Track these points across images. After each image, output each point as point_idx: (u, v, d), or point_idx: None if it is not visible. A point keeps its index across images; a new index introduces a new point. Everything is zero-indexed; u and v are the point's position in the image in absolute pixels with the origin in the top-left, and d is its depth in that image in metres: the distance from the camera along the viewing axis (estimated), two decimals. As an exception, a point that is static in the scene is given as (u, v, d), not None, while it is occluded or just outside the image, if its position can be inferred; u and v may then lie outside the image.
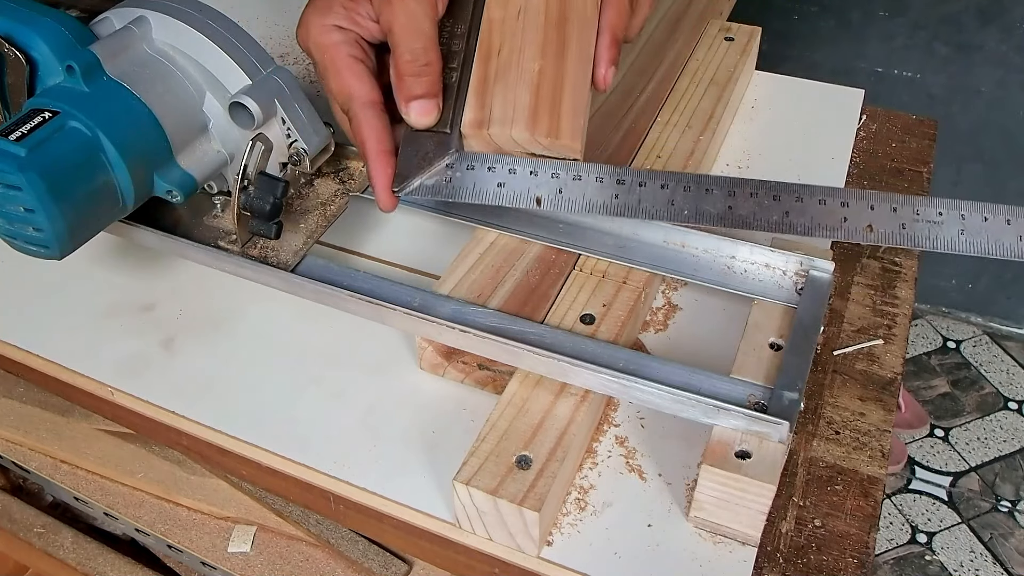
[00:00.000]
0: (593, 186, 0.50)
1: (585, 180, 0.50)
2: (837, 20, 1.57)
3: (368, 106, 0.51)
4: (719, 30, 0.73)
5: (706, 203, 0.49)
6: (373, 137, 0.51)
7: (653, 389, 0.45)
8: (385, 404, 0.52)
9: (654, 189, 0.49)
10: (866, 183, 0.66)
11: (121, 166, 0.49)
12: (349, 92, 0.51)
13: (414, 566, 0.58)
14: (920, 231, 0.46)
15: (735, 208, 0.48)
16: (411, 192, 0.51)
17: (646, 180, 0.49)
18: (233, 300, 0.58)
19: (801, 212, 0.48)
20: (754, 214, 0.48)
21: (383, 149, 0.51)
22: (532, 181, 0.50)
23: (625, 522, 0.46)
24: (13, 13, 0.51)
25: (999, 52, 1.51)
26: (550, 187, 0.50)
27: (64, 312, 0.58)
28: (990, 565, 1.46)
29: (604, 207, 0.49)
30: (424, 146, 0.51)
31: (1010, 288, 1.77)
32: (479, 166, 0.51)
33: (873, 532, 0.46)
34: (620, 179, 0.50)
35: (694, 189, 0.49)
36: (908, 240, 0.46)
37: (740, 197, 0.48)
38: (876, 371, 0.54)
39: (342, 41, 0.52)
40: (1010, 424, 1.67)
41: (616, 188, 0.50)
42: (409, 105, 0.50)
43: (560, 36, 0.52)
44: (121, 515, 0.62)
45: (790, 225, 0.48)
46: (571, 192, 0.50)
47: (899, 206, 0.47)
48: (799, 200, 0.48)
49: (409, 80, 0.50)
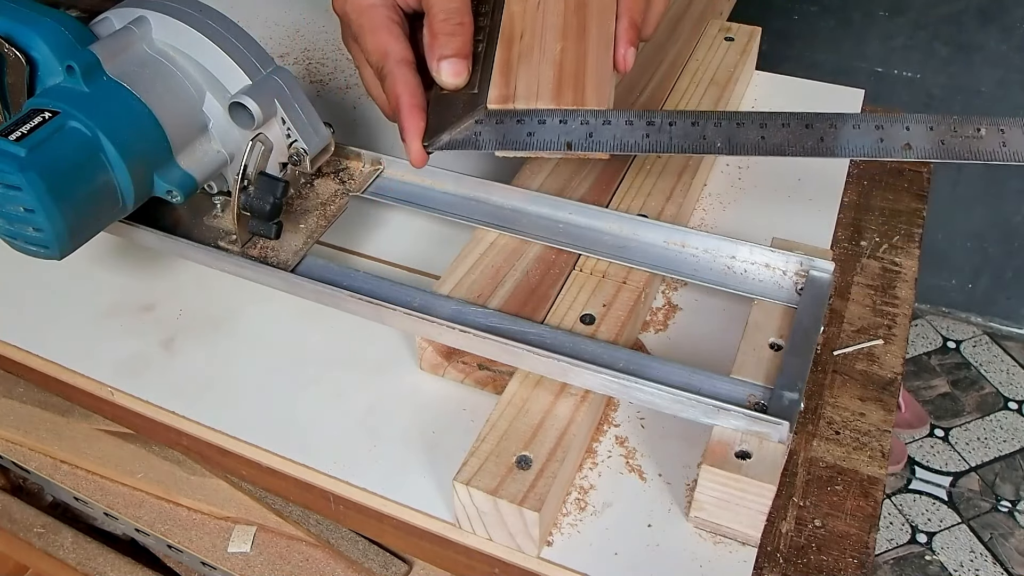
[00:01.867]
0: (623, 128, 0.51)
1: (615, 123, 0.51)
2: (837, 20, 1.57)
3: (403, 63, 0.53)
4: (719, 30, 0.73)
5: (738, 135, 0.50)
6: (407, 92, 0.52)
7: (653, 389, 0.45)
8: (385, 404, 0.52)
9: (684, 127, 0.51)
10: (866, 183, 0.66)
11: (121, 166, 0.49)
12: (385, 50, 0.53)
13: (414, 566, 0.58)
14: (960, 146, 0.46)
15: (768, 138, 0.49)
16: (441, 146, 0.52)
17: (676, 120, 0.51)
18: (233, 300, 0.58)
19: (836, 137, 0.48)
20: (788, 142, 0.49)
21: (416, 103, 0.52)
22: (561, 129, 0.51)
23: (625, 522, 0.46)
24: (13, 13, 0.51)
25: (999, 52, 1.51)
26: (580, 132, 0.51)
27: (64, 312, 0.58)
28: (990, 565, 1.46)
29: (636, 146, 0.51)
30: (453, 105, 0.53)
31: (1010, 288, 1.77)
32: (508, 119, 0.52)
33: (873, 532, 0.46)
34: (650, 121, 0.51)
35: (725, 124, 0.50)
36: (948, 154, 0.46)
37: (772, 128, 0.49)
38: (876, 371, 0.54)
39: (380, 3, 0.54)
40: (1010, 424, 1.67)
41: (646, 128, 0.51)
42: (440, 64, 0.52)
43: (580, 20, 0.54)
44: (121, 515, 0.62)
45: (826, 149, 0.48)
46: (601, 135, 0.51)
47: (935, 125, 0.47)
48: (833, 127, 0.48)
49: (443, 39, 0.52)
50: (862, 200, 0.65)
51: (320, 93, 0.76)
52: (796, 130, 0.49)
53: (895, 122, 0.48)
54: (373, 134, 0.71)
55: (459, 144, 0.52)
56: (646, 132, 0.51)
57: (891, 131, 0.48)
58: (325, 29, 0.83)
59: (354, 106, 0.74)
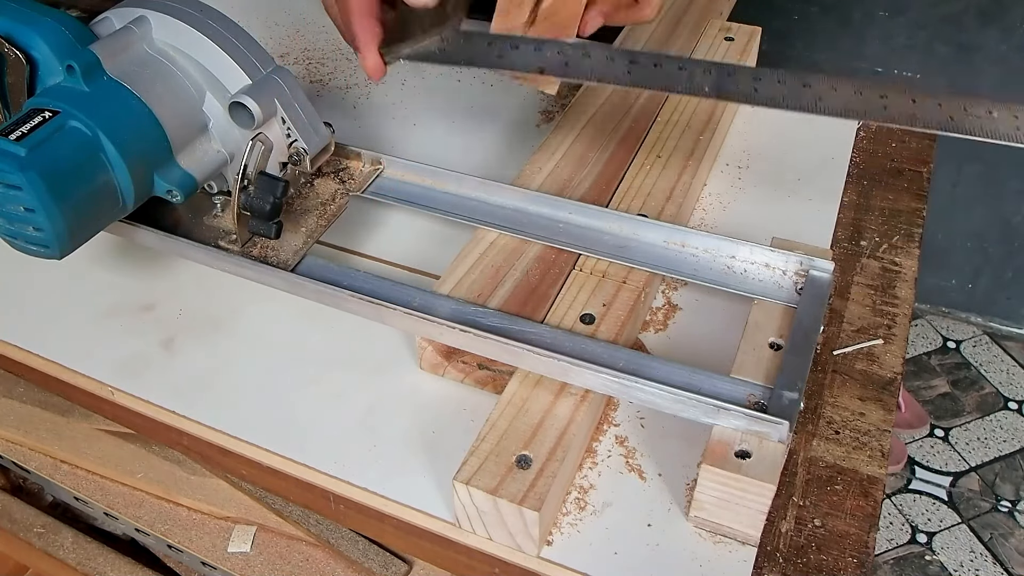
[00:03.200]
0: (602, 63, 0.49)
1: (594, 57, 0.49)
2: (837, 20, 1.57)
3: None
4: (719, 30, 0.73)
5: (728, 83, 0.47)
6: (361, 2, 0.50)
7: (653, 389, 0.45)
8: (385, 404, 0.52)
9: (671, 70, 0.48)
10: (866, 183, 0.66)
11: (121, 166, 0.49)
12: None
13: (414, 566, 0.58)
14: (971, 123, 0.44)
15: (761, 90, 0.47)
16: (400, 57, 0.50)
17: (662, 62, 0.49)
18: (233, 300, 0.58)
19: (835, 98, 0.46)
20: (783, 96, 0.47)
21: (368, 12, 0.50)
22: (535, 55, 0.49)
23: (625, 522, 0.46)
24: (13, 13, 0.51)
25: (999, 52, 1.50)
26: (555, 60, 0.49)
27: (64, 312, 0.58)
28: (990, 565, 1.46)
29: (616, 79, 0.49)
30: (419, 20, 0.50)
31: (1010, 288, 1.77)
32: (477, 39, 0.49)
33: (873, 532, 0.46)
34: (633, 59, 0.49)
35: (715, 73, 0.48)
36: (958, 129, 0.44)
37: (767, 82, 0.47)
38: (876, 371, 0.54)
39: None
40: (1010, 424, 1.66)
41: (629, 66, 0.49)
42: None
43: None
44: (121, 515, 0.62)
45: (823, 108, 0.46)
46: (579, 66, 0.49)
47: (944, 102, 0.45)
48: (833, 89, 0.46)
49: None
50: (862, 200, 0.65)
51: (320, 93, 0.76)
52: (793, 87, 0.47)
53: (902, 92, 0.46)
54: (373, 134, 0.71)
55: (420, 57, 0.49)
56: (628, 69, 0.49)
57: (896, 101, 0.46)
58: (325, 29, 0.83)
59: (354, 106, 0.74)
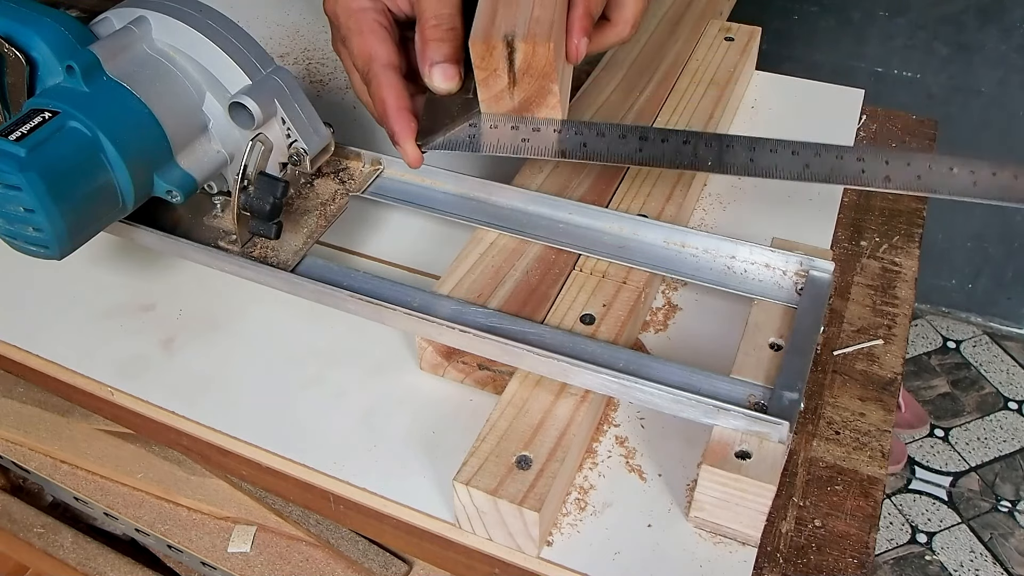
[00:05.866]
0: (616, 141, 0.53)
1: (608, 136, 0.53)
2: (837, 20, 1.57)
3: (388, 67, 0.53)
4: (719, 30, 0.73)
5: (728, 156, 0.52)
6: (393, 95, 0.52)
7: (653, 389, 0.45)
8: (385, 404, 0.52)
9: (676, 144, 0.53)
10: (866, 183, 0.66)
11: (121, 166, 0.49)
12: (370, 53, 0.53)
13: (414, 566, 0.58)
14: (935, 182, 0.51)
15: (756, 161, 0.52)
16: (436, 146, 0.53)
17: (668, 137, 0.53)
18: (233, 300, 0.58)
19: (820, 164, 0.51)
20: (776, 166, 0.52)
21: (403, 105, 0.52)
22: (556, 137, 0.53)
23: (625, 522, 0.46)
24: (13, 13, 0.51)
25: (999, 52, 1.51)
26: (574, 142, 0.53)
27: (64, 312, 0.58)
28: (990, 565, 1.46)
29: (629, 158, 0.53)
30: (447, 108, 0.53)
31: (1010, 288, 1.77)
32: (502, 125, 0.53)
33: (873, 532, 0.46)
34: (643, 136, 0.53)
35: (716, 145, 0.52)
36: (924, 188, 0.50)
37: (760, 152, 0.52)
38: (876, 371, 0.54)
39: (370, 7, 0.54)
40: (1010, 424, 1.66)
41: (639, 143, 0.53)
42: (432, 69, 0.51)
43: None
44: (121, 515, 0.62)
45: (812, 175, 0.51)
46: (595, 146, 0.53)
47: (912, 161, 0.51)
48: (817, 155, 0.51)
49: (433, 44, 0.51)
50: (862, 200, 0.65)
51: (320, 93, 0.76)
52: (784, 155, 0.52)
53: (876, 155, 0.51)
54: (373, 134, 0.70)
55: (454, 145, 0.53)
56: (639, 147, 0.53)
57: (871, 164, 0.51)
58: (325, 29, 0.83)
59: (354, 106, 0.74)
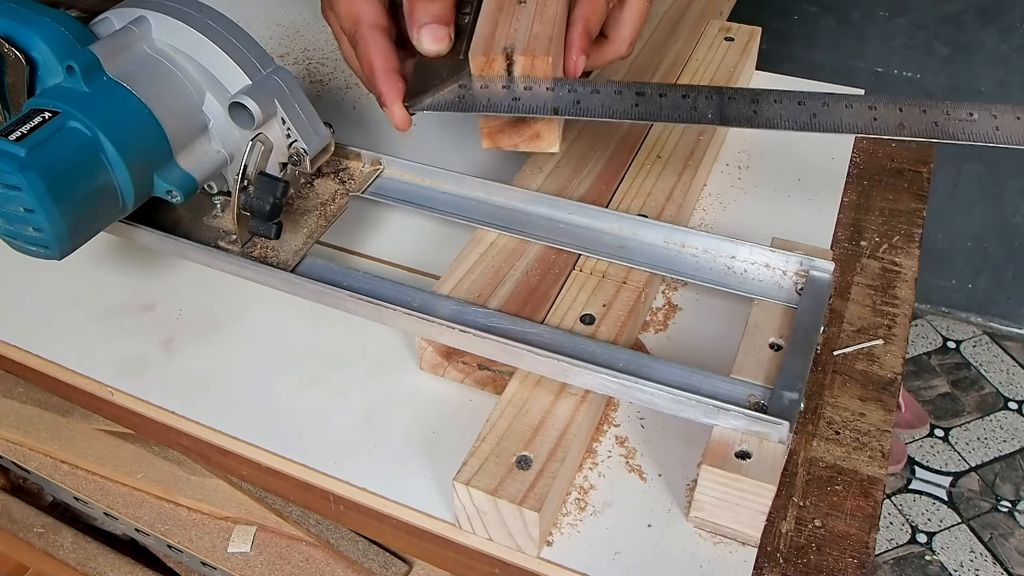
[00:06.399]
0: (612, 97, 0.51)
1: (604, 93, 0.51)
2: (837, 20, 1.57)
3: (375, 28, 0.51)
4: (719, 30, 0.73)
5: (729, 108, 0.50)
6: (380, 56, 0.51)
7: (653, 389, 0.45)
8: (385, 404, 0.52)
9: (675, 99, 0.51)
10: (866, 183, 0.66)
11: (121, 166, 0.49)
12: (357, 15, 0.52)
13: (414, 566, 0.58)
14: (954, 128, 0.47)
15: (760, 112, 0.50)
16: (424, 108, 0.51)
17: (667, 91, 0.51)
18: (233, 300, 0.58)
19: (828, 114, 0.49)
20: (780, 116, 0.49)
21: (390, 67, 0.51)
22: (548, 96, 0.51)
23: (625, 522, 0.46)
24: (13, 13, 0.51)
25: (999, 52, 1.51)
26: (567, 99, 0.51)
27: (64, 312, 0.58)
28: (990, 565, 1.46)
29: (625, 113, 0.50)
30: (437, 71, 0.52)
31: (1010, 288, 1.77)
32: (493, 83, 0.51)
33: (873, 532, 0.46)
34: (640, 91, 0.51)
35: (716, 98, 0.50)
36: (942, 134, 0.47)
37: (764, 103, 0.50)
38: (876, 371, 0.54)
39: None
40: (1010, 424, 1.67)
41: (636, 99, 0.51)
42: (420, 31, 0.50)
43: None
44: (121, 515, 0.62)
45: (819, 124, 0.49)
46: (589, 103, 0.51)
47: (928, 108, 0.48)
48: (825, 105, 0.49)
49: (421, 5, 0.50)
50: (862, 200, 0.65)
51: (320, 93, 0.76)
52: (788, 106, 0.50)
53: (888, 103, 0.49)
54: (373, 134, 0.71)
55: (442, 106, 0.51)
56: (635, 102, 0.51)
57: (883, 112, 0.49)
58: (325, 29, 0.83)
59: (354, 106, 0.74)
